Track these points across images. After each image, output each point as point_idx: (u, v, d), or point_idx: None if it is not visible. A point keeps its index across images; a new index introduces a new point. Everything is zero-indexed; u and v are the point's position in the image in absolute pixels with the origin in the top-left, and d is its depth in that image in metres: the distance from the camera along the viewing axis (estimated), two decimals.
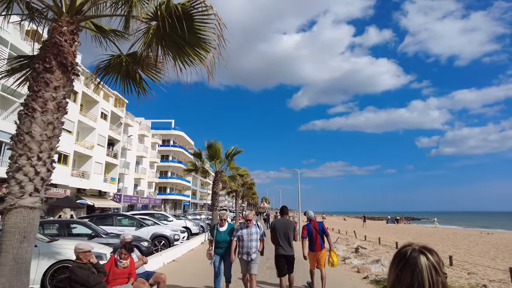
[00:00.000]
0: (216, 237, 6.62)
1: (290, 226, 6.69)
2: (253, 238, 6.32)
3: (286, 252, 6.47)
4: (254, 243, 6.31)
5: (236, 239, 6.43)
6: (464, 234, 31.06)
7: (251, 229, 6.38)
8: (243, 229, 6.41)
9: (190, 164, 19.39)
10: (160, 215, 19.83)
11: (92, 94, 33.16)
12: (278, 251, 6.53)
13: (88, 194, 33.57)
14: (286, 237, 6.55)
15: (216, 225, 6.86)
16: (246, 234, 6.33)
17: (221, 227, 6.73)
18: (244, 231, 6.38)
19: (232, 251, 6.43)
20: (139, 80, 5.67)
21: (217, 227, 6.78)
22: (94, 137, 33.50)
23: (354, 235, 22.84)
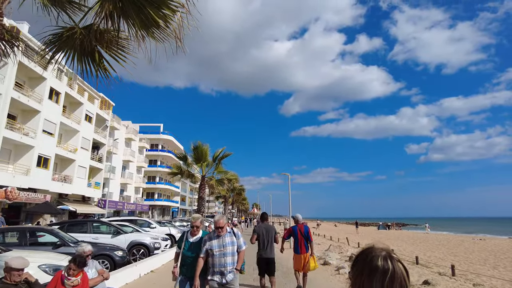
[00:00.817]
0: (184, 250, 4.85)
1: (272, 231, 7.11)
2: (227, 251, 4.61)
3: (267, 255, 6.90)
4: (230, 258, 4.61)
5: (203, 256, 4.64)
6: (457, 240, 30.48)
7: (224, 239, 4.64)
8: (213, 240, 4.64)
9: (175, 167, 18.36)
10: (143, 221, 18.72)
11: (76, 95, 32.07)
12: (261, 254, 6.96)
13: (70, 200, 32.18)
14: (267, 241, 6.95)
15: (185, 234, 5.02)
16: (217, 247, 4.60)
17: (192, 237, 4.91)
18: (214, 243, 4.62)
19: (196, 274, 4.61)
20: (98, 58, 4.74)
21: (186, 236, 4.95)
22: (77, 140, 32.20)
23: (347, 242, 22.00)
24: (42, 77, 26.65)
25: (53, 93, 28.13)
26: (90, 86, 37.16)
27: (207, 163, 18.26)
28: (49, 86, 27.28)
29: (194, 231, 4.96)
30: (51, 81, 27.70)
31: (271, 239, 6.99)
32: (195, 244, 4.84)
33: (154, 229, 17.37)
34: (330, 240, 25.43)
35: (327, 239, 26.53)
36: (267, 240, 6.94)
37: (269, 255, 6.89)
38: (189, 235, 5.00)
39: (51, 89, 27.75)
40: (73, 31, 4.50)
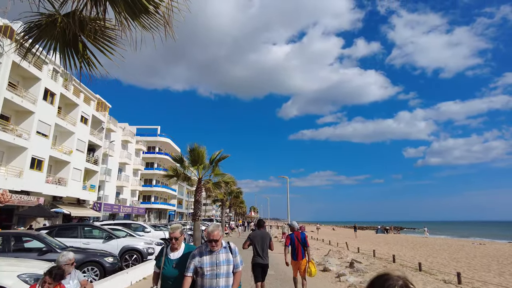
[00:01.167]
0: (164, 270, 3.85)
1: (267, 238, 7.34)
2: (221, 271, 3.65)
3: (262, 261, 7.13)
4: (223, 280, 3.65)
5: (191, 274, 3.66)
6: (457, 245, 30.10)
7: (218, 256, 3.68)
8: (204, 255, 3.67)
9: (171, 169, 17.91)
10: (137, 225, 18.25)
11: (72, 96, 31.60)
12: (256, 260, 7.16)
13: (65, 202, 31.63)
14: (263, 247, 7.17)
15: (164, 249, 4.01)
16: (209, 265, 3.64)
17: (172, 253, 3.91)
18: (206, 260, 3.64)
19: None
20: (82, 50, 4.32)
21: (166, 252, 3.95)
22: (73, 142, 31.69)
23: (346, 246, 21.56)
24: (37, 77, 26.22)
25: (47, 94, 27.67)
26: (86, 87, 36.76)
27: (204, 166, 17.81)
28: (43, 86, 26.82)
29: (173, 244, 3.89)
30: (46, 81, 27.25)
31: (266, 246, 7.26)
32: (177, 262, 3.82)
33: (149, 233, 16.91)
34: (329, 244, 25.01)
35: (326, 244, 26.10)
36: (262, 247, 7.18)
37: (264, 262, 7.17)
38: (169, 250, 3.95)
39: (46, 90, 27.29)
40: (54, 18, 4.08)
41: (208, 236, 3.66)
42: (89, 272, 8.41)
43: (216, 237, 3.64)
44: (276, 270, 11.76)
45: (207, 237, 3.69)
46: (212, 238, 3.64)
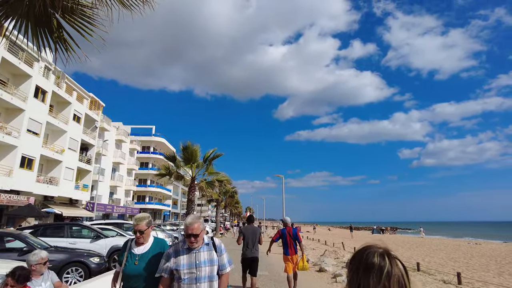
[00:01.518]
0: (125, 267, 3.09)
1: (257, 232, 7.68)
2: (202, 274, 2.92)
3: (252, 254, 7.42)
4: (206, 285, 2.93)
5: (167, 275, 2.95)
6: (453, 245, 29.93)
7: (198, 256, 2.95)
8: (180, 254, 2.95)
9: (163, 168, 17.50)
10: (129, 225, 17.76)
11: (64, 94, 31.06)
12: (245, 253, 7.44)
13: (57, 202, 31.07)
14: (253, 241, 7.49)
15: (128, 243, 3.24)
16: (187, 267, 2.91)
17: (137, 247, 3.16)
18: (183, 260, 2.92)
19: None
20: (57, 29, 3.96)
21: (129, 246, 3.20)
22: (65, 140, 31.15)
23: (343, 247, 21.27)
24: (28, 74, 25.69)
25: (39, 92, 27.13)
26: (79, 85, 36.22)
27: (197, 164, 17.44)
28: (34, 84, 26.29)
29: (138, 238, 3.13)
30: (37, 79, 26.72)
31: (256, 240, 7.58)
32: (141, 258, 3.08)
33: None
34: (325, 245, 24.71)
35: (322, 244, 25.81)
36: (252, 240, 7.50)
37: (253, 255, 7.44)
38: (133, 244, 3.18)
39: (37, 87, 26.75)
40: None
41: (186, 230, 2.88)
42: (73, 273, 8.00)
43: (195, 231, 2.87)
44: (271, 271, 11.42)
45: (185, 231, 2.92)
46: (191, 232, 2.85)
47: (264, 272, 11.17)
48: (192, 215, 3.09)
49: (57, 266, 7.55)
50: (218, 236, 32.91)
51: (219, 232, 33.91)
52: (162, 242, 3.32)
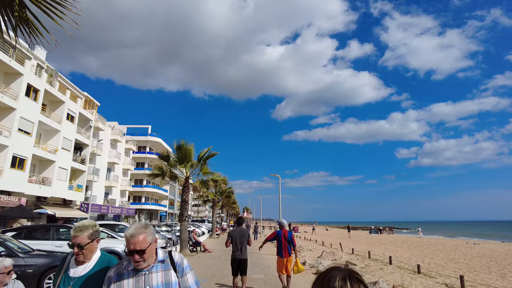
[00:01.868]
0: None
1: (245, 234, 7.66)
2: None
3: (241, 256, 7.47)
4: None
5: None
6: (452, 245, 29.62)
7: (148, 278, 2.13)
8: (124, 277, 2.14)
9: (156, 168, 17.05)
10: (123, 226, 17.33)
11: (57, 93, 30.51)
12: (234, 255, 7.51)
13: (50, 203, 30.54)
14: (241, 243, 7.52)
15: (67, 260, 2.39)
16: None
17: (76, 266, 2.31)
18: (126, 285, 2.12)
19: None
20: (19, 9, 3.52)
21: (68, 265, 2.34)
22: (58, 140, 30.63)
23: (340, 247, 20.88)
24: (19, 72, 25.19)
25: (30, 90, 26.62)
26: (73, 84, 35.70)
27: (192, 164, 16.99)
28: (26, 82, 25.79)
29: (77, 255, 2.28)
30: (29, 77, 26.21)
31: (244, 242, 7.59)
32: (78, 283, 2.23)
33: None
34: (323, 245, 24.32)
35: (319, 244, 25.42)
36: (240, 242, 7.53)
37: (242, 257, 7.49)
38: (72, 262, 2.34)
39: (29, 85, 26.24)
40: None
41: (127, 245, 2.07)
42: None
43: (140, 245, 2.04)
44: (267, 274, 11.00)
45: (127, 246, 2.10)
46: (134, 247, 2.04)
47: (260, 275, 10.76)
48: (136, 224, 2.14)
49: (37, 272, 7.09)
50: (214, 237, 32.43)
51: (215, 233, 33.44)
52: (110, 261, 2.40)
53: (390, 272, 11.09)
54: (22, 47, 27.42)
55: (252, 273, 10.91)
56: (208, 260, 14.40)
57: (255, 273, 10.98)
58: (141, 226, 2.14)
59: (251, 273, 10.73)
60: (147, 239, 2.09)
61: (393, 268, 12.14)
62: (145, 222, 2.24)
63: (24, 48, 27.60)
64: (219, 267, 12.47)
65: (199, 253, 17.60)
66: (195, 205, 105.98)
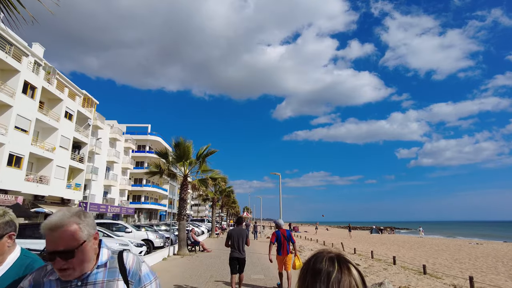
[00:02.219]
0: None
1: (244, 234, 7.79)
2: None
3: (239, 255, 7.60)
4: None
5: None
6: (455, 245, 29.22)
7: None
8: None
9: (154, 166, 16.68)
10: (120, 225, 16.94)
11: (55, 91, 30.12)
12: (233, 254, 7.62)
13: (48, 202, 30.19)
14: (240, 243, 7.64)
15: None
16: None
17: None
18: None
19: None
20: None
21: None
22: (56, 138, 30.26)
23: (342, 247, 20.49)
24: (15, 69, 24.81)
25: (28, 87, 26.23)
26: (71, 82, 35.33)
27: (190, 162, 16.61)
28: (23, 79, 25.40)
29: None
30: (26, 74, 25.83)
31: (242, 242, 7.71)
32: None
33: (130, 233, 15.65)
34: (324, 245, 23.93)
35: (320, 244, 25.03)
36: (237, 242, 7.66)
37: (240, 256, 7.64)
38: None
39: (26, 83, 25.85)
40: None
41: (46, 242, 1.36)
42: None
43: (64, 244, 1.34)
44: (267, 275, 10.61)
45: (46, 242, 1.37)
46: (54, 247, 1.33)
47: (260, 275, 10.38)
48: (64, 211, 1.42)
49: None
50: (213, 236, 32.02)
51: (215, 233, 33.04)
52: (30, 265, 1.69)
53: (395, 273, 10.70)
54: (19, 43, 27.14)
55: (252, 273, 10.55)
56: (207, 260, 14.03)
57: (255, 273, 10.61)
58: (71, 213, 1.40)
59: (251, 273, 10.39)
60: (79, 234, 1.36)
61: (397, 269, 11.76)
62: (79, 208, 1.47)
63: (21, 45, 27.31)
64: (218, 266, 12.10)
65: (198, 252, 17.23)
66: (195, 204, 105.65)
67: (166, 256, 14.38)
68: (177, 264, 12.64)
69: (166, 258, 13.99)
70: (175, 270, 11.14)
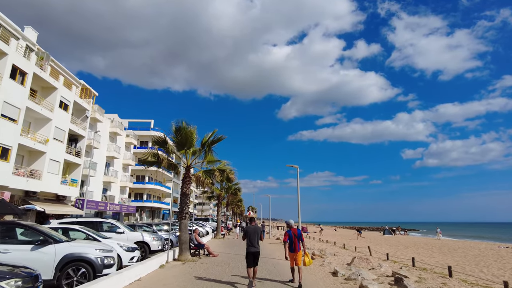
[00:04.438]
0: None
1: (258, 231, 8.67)
2: None
3: (254, 249, 8.37)
4: None
5: None
6: (483, 249, 26.44)
7: None
8: None
9: (149, 154, 14.21)
10: (111, 224, 14.29)
11: (49, 78, 27.78)
12: (249, 249, 8.40)
13: (41, 199, 27.87)
14: (255, 238, 8.46)
15: None
16: None
17: None
18: None
19: None
20: None
21: None
22: (49, 129, 27.91)
23: (369, 252, 17.86)
24: (2, 51, 22.47)
25: (17, 73, 23.88)
26: (68, 70, 33.01)
27: (194, 151, 14.10)
28: (11, 63, 23.06)
29: None
30: (15, 58, 23.49)
31: (258, 237, 8.48)
32: None
33: (121, 234, 13.14)
34: (344, 248, 21.32)
35: (340, 248, 22.39)
36: (253, 238, 8.39)
37: (255, 250, 8.33)
38: None
39: (14, 67, 23.51)
40: None
41: None
42: None
43: None
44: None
45: None
46: None
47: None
48: None
49: None
50: (219, 237, 29.49)
51: (221, 233, 30.52)
52: None
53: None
54: (9, 25, 24.84)
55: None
56: (214, 268, 11.53)
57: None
58: None
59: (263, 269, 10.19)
60: None
61: (458, 283, 9.15)
62: None
63: (11, 27, 25.01)
64: (228, 277, 9.63)
65: (202, 257, 14.73)
66: (199, 203, 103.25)
67: (164, 262, 11.89)
68: (177, 274, 10.16)
69: (163, 265, 11.49)
70: (173, 283, 8.65)
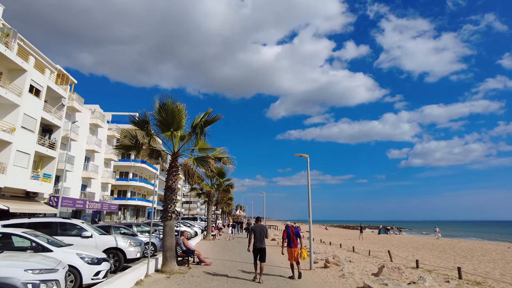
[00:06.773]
0: None
1: (264, 229, 9.73)
2: None
3: (261, 245, 9.40)
4: None
5: None
6: (490, 249, 24.38)
7: None
8: None
9: (126, 137, 11.29)
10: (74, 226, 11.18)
11: (16, 58, 24.39)
12: (256, 245, 9.43)
13: (7, 196, 24.53)
14: (261, 236, 9.48)
15: None
16: None
17: None
18: None
19: None
20: None
21: None
22: (16, 117, 24.55)
23: (389, 257, 15.29)
24: None
25: None
26: (41, 53, 29.60)
27: (183, 136, 11.24)
28: None
29: None
30: None
31: (263, 235, 9.56)
32: None
33: (88, 239, 10.21)
34: (354, 252, 18.74)
35: (349, 251, 19.80)
36: (260, 235, 9.48)
37: (262, 246, 9.42)
38: None
39: None
40: None
41: None
42: None
43: None
44: None
45: None
46: None
47: None
48: None
49: None
50: (209, 238, 26.60)
51: (211, 234, 27.64)
52: None
53: None
54: None
55: None
56: (208, 284, 8.73)
57: None
58: None
59: None
60: None
61: None
62: None
63: None
64: None
65: (192, 266, 11.88)
66: (186, 202, 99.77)
67: (143, 276, 9.00)
68: None
69: (141, 281, 8.61)
70: None
